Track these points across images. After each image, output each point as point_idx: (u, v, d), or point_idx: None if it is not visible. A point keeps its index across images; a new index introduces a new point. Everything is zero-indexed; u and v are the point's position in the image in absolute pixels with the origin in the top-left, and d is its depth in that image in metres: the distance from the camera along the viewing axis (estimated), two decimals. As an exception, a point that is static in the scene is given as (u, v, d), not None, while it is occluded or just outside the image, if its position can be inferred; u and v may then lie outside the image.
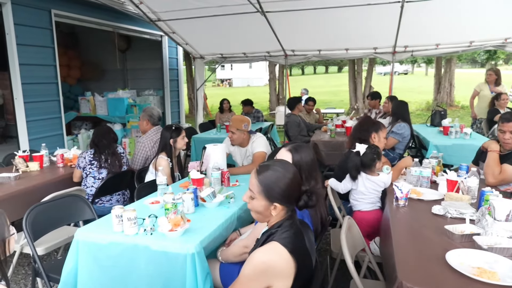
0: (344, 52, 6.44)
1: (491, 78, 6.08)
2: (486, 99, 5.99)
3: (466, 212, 1.96)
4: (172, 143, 3.12)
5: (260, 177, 1.41)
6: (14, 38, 4.53)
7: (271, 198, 1.39)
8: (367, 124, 3.09)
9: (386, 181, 2.55)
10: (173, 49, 8.08)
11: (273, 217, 1.44)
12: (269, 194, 1.39)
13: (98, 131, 3.32)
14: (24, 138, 4.76)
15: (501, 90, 5.89)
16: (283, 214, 1.43)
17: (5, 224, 1.30)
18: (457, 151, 4.23)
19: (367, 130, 3.00)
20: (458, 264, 1.48)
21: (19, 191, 2.84)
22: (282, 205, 1.40)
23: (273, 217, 1.43)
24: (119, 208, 1.91)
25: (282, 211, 1.42)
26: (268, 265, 1.28)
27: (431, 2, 4.55)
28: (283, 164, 1.47)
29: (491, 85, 6.06)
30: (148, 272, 1.78)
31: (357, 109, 13.81)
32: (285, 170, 1.42)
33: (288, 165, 1.47)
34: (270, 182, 1.39)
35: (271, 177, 1.40)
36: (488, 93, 6.02)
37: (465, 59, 30.09)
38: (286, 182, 1.39)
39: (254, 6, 4.87)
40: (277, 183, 1.39)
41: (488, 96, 5.98)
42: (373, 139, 2.97)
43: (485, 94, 6.06)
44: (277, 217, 1.43)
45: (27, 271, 3.07)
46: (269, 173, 1.41)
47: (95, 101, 7.00)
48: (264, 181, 1.40)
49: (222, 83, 40.07)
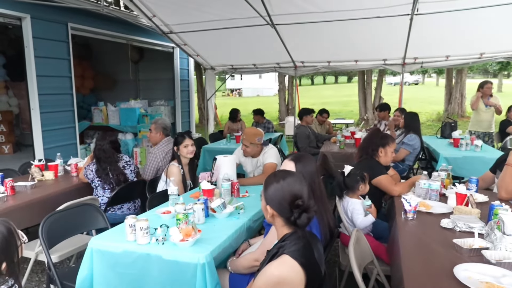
0: (353, 63, 6.49)
1: (489, 91, 5.91)
2: (481, 112, 5.92)
3: (475, 226, 1.96)
4: (176, 151, 3.20)
5: (266, 179, 1.55)
6: (32, 50, 4.69)
7: (266, 199, 1.51)
8: (374, 138, 3.10)
9: (359, 210, 2.52)
10: (184, 60, 8.23)
11: (274, 222, 1.51)
12: (266, 195, 1.51)
13: (96, 142, 3.33)
14: (39, 147, 4.89)
15: (495, 103, 5.84)
16: (283, 223, 1.48)
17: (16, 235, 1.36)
18: (467, 163, 4.21)
19: (375, 144, 3.02)
20: (466, 279, 1.49)
21: (35, 199, 2.92)
22: (274, 210, 1.47)
23: (273, 220, 1.50)
24: (132, 218, 1.97)
25: (279, 218, 1.48)
26: (280, 279, 1.32)
27: (441, 14, 4.58)
28: (288, 172, 1.56)
29: (485, 98, 5.89)
30: (160, 280, 1.83)
31: (367, 120, 13.78)
32: (283, 178, 1.49)
33: (290, 175, 1.52)
34: (267, 184, 1.51)
35: (270, 181, 1.51)
36: (483, 106, 5.91)
37: (476, 69, 29.84)
38: (277, 186, 1.48)
39: (264, 19, 4.96)
40: (272, 186, 1.49)
41: (483, 109, 5.91)
42: (379, 154, 2.99)
43: (480, 108, 5.94)
44: (281, 227, 1.49)
45: (40, 278, 3.13)
46: (272, 177, 1.53)
47: (108, 111, 7.14)
48: (266, 182, 1.53)
49: (232, 93, 40.37)
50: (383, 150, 2.98)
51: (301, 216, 1.41)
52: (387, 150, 2.98)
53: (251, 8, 4.57)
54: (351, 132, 5.64)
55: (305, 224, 1.42)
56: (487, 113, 5.93)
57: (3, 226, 1.34)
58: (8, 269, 1.31)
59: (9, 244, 1.32)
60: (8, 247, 1.31)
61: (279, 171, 1.59)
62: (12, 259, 1.32)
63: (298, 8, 4.68)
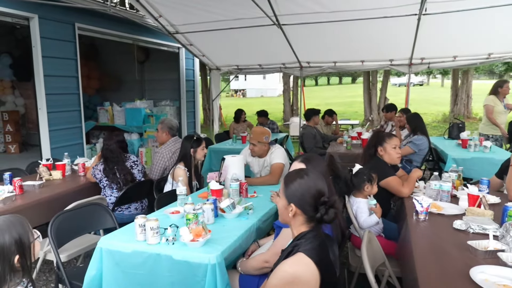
0: (359, 64, 6.45)
1: (508, 91, 5.45)
2: (499, 115, 5.35)
3: (489, 228, 1.93)
4: (193, 153, 3.18)
5: (285, 177, 1.53)
6: (40, 50, 4.71)
7: (289, 197, 1.47)
8: (373, 138, 3.11)
9: (363, 208, 2.53)
10: (190, 61, 8.23)
11: (293, 221, 1.48)
12: (287, 193, 1.48)
13: (104, 142, 3.34)
14: (46, 147, 4.90)
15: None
16: (303, 222, 1.46)
17: (29, 229, 1.37)
18: (476, 164, 4.16)
19: (374, 145, 3.02)
20: (483, 281, 1.46)
21: (43, 198, 2.92)
22: (298, 208, 1.45)
23: (292, 220, 1.48)
24: (142, 217, 1.96)
25: (301, 216, 1.46)
26: (294, 277, 1.30)
27: (449, 14, 4.55)
28: (311, 171, 1.55)
29: (501, 98, 5.40)
30: (170, 280, 1.82)
31: (372, 121, 13.72)
32: (308, 176, 1.48)
33: (315, 175, 1.51)
34: (290, 181, 1.49)
35: (293, 178, 1.49)
36: (501, 108, 5.36)
37: (482, 70, 29.63)
38: (304, 185, 1.46)
39: (271, 19, 4.95)
40: (296, 184, 1.47)
41: (501, 111, 5.36)
42: (379, 153, 2.98)
43: (499, 110, 5.36)
44: (300, 225, 1.47)
45: (48, 277, 3.13)
46: (294, 174, 1.51)
47: (113, 111, 7.15)
48: (286, 181, 1.50)
49: (235, 94, 40.38)
50: (382, 148, 2.96)
51: (329, 211, 1.40)
52: (385, 147, 2.95)
53: (257, 8, 4.55)
54: (357, 133, 5.61)
55: (332, 219, 1.42)
56: (504, 115, 5.37)
57: (17, 220, 1.35)
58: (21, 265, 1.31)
59: (21, 237, 1.32)
60: (20, 241, 1.32)
61: (296, 170, 1.57)
62: (24, 253, 1.32)
63: (305, 8, 4.66)
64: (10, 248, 1.29)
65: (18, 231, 1.32)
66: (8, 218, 1.36)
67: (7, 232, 1.30)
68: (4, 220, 1.34)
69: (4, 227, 1.31)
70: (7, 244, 1.29)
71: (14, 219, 1.36)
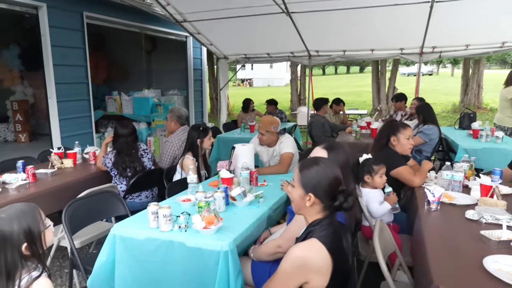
0: (369, 52, 6.36)
1: None
2: None
3: (503, 218, 1.92)
4: (199, 143, 3.19)
5: (301, 166, 1.50)
6: (49, 39, 4.72)
7: (306, 187, 1.46)
8: (386, 128, 3.08)
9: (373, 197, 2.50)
10: (197, 50, 8.20)
11: (308, 211, 1.47)
12: (305, 183, 1.46)
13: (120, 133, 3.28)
14: (57, 136, 4.95)
15: None
16: (319, 210, 1.46)
17: (40, 218, 1.38)
18: (487, 155, 4.11)
19: (387, 135, 2.99)
20: (496, 271, 1.46)
21: (55, 186, 2.96)
22: (316, 197, 1.44)
23: (308, 209, 1.47)
24: (154, 205, 1.97)
25: (318, 205, 1.45)
26: (305, 260, 1.31)
27: (462, 1, 4.45)
28: (327, 160, 1.54)
29: None
30: (183, 267, 1.84)
31: (380, 110, 13.59)
32: (325, 165, 1.48)
33: (331, 163, 1.51)
34: (308, 171, 1.47)
35: (310, 167, 1.48)
36: None
37: (493, 60, 29.03)
38: (323, 174, 1.45)
39: (280, 7, 4.88)
40: (314, 173, 1.46)
41: None
42: (392, 143, 2.95)
43: None
44: (315, 214, 1.46)
45: (61, 263, 3.20)
46: (310, 164, 1.49)
47: (122, 100, 7.17)
48: (303, 169, 1.48)
49: (242, 83, 40.22)
50: (395, 138, 2.94)
51: (348, 199, 1.40)
52: (399, 137, 2.93)
53: (266, -4, 4.50)
54: (366, 123, 5.57)
55: (351, 207, 1.42)
56: None
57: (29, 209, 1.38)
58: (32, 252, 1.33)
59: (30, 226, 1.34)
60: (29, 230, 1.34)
61: (311, 158, 1.56)
62: (34, 241, 1.34)
63: (314, -5, 4.60)
64: (19, 236, 1.31)
65: (27, 220, 1.34)
66: (20, 207, 1.38)
67: (16, 221, 1.32)
68: (16, 209, 1.36)
69: (14, 216, 1.33)
70: (16, 233, 1.31)
71: (26, 208, 1.38)
